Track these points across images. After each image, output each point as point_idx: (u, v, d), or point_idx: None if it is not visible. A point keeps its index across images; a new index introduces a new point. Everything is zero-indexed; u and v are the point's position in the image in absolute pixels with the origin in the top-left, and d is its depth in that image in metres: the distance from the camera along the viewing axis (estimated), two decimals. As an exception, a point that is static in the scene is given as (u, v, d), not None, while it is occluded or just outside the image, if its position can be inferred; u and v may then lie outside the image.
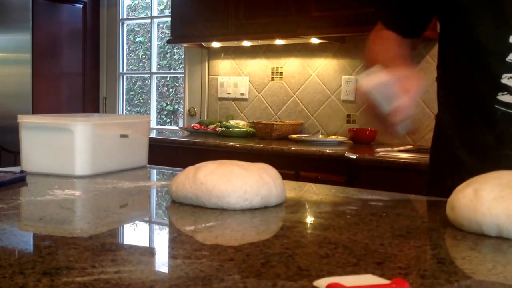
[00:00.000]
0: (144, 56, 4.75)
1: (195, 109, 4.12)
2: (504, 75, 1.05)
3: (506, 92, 1.05)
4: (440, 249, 0.72)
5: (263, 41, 3.58)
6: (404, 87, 0.94)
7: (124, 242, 0.80)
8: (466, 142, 1.15)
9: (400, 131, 0.98)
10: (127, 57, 4.76)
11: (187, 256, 0.67)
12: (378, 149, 2.74)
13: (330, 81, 3.48)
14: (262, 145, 3.00)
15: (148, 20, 4.57)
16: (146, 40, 4.70)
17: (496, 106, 1.06)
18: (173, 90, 4.75)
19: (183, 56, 4.34)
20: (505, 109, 1.06)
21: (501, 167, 0.88)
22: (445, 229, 0.84)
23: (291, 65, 3.64)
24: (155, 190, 1.22)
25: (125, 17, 4.69)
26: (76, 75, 4.57)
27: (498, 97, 1.06)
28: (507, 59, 1.05)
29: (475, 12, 1.08)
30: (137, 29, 4.83)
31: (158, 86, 4.69)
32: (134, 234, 0.86)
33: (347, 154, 2.62)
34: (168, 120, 4.74)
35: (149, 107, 4.60)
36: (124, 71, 4.72)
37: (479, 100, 1.10)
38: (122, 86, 4.72)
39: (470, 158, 1.13)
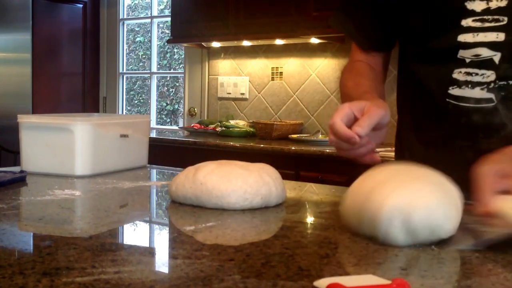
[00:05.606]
0: (144, 56, 4.75)
1: (195, 109, 4.12)
2: (455, 70, 1.09)
3: (455, 86, 1.08)
4: (440, 249, 0.72)
5: (263, 41, 3.58)
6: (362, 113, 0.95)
7: (124, 242, 0.80)
8: (421, 139, 1.18)
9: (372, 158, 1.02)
10: (127, 57, 4.76)
11: (187, 256, 0.67)
12: (378, 149, 2.73)
13: (330, 81, 3.48)
14: (262, 145, 3.00)
15: (148, 20, 4.57)
16: (146, 40, 4.70)
17: (447, 99, 1.10)
18: (173, 90, 4.75)
19: (183, 56, 4.34)
20: (455, 102, 1.09)
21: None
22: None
23: (291, 65, 3.64)
24: (155, 190, 1.22)
25: (125, 17, 4.69)
26: (76, 75, 4.57)
27: (449, 91, 1.09)
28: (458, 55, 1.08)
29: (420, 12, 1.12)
30: (137, 29, 4.83)
31: (158, 86, 4.69)
32: (134, 234, 0.86)
33: (347, 154, 2.62)
34: (168, 120, 4.74)
35: (149, 107, 4.60)
36: (124, 71, 4.72)
37: (431, 96, 1.14)
38: (122, 86, 4.72)
39: (427, 153, 1.16)
